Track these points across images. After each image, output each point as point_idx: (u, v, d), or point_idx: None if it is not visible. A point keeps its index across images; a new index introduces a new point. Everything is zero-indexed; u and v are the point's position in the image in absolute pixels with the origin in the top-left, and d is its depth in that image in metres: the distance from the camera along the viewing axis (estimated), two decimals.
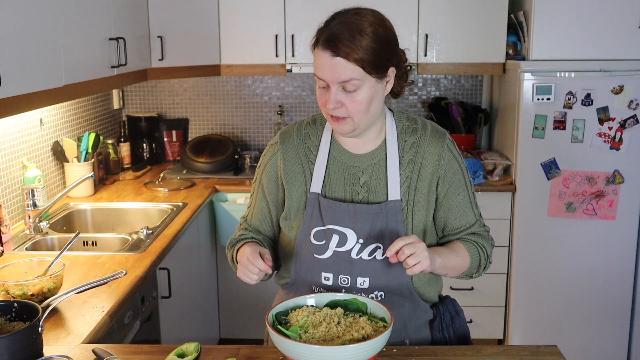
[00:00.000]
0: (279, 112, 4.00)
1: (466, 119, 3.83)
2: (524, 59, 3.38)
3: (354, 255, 1.57)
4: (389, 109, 1.64)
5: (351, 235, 1.56)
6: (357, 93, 1.46)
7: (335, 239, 1.57)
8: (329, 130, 1.63)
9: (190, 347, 1.50)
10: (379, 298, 1.58)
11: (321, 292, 1.58)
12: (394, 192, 1.56)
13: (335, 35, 1.43)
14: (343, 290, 1.57)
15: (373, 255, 1.57)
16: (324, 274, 1.59)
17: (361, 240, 1.56)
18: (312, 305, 1.47)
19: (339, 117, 1.49)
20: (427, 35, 3.50)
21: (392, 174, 1.57)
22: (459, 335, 1.68)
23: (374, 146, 1.60)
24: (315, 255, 1.59)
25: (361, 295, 1.50)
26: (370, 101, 1.49)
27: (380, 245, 1.56)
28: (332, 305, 1.47)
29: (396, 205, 1.56)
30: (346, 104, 1.47)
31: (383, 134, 1.61)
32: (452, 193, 1.62)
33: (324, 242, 1.58)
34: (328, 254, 1.58)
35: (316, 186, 1.59)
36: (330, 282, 1.58)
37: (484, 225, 1.69)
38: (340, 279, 1.57)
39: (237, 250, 1.63)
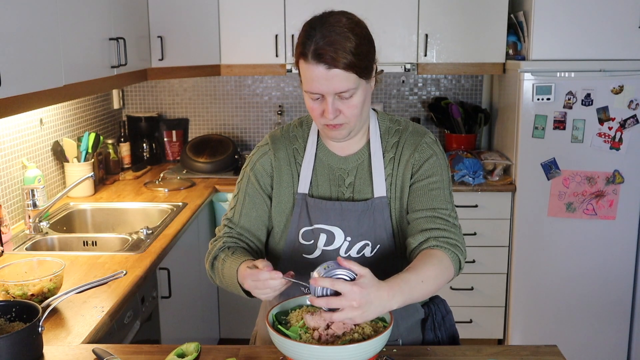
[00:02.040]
0: (279, 112, 4.01)
1: (466, 119, 3.83)
2: (524, 59, 3.38)
3: (342, 253, 1.58)
4: (374, 110, 1.64)
5: (339, 233, 1.57)
6: (352, 98, 1.46)
7: (322, 237, 1.58)
8: (315, 132, 1.63)
9: (190, 347, 1.50)
10: None
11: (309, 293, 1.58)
12: (380, 189, 1.57)
13: (325, 47, 1.40)
14: None
15: (362, 253, 1.58)
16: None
17: (349, 238, 1.57)
18: (312, 305, 1.47)
19: (336, 124, 1.49)
20: (427, 35, 3.50)
21: (377, 172, 1.58)
22: (449, 335, 1.68)
23: (359, 147, 1.61)
24: (303, 255, 1.59)
25: None
26: (363, 103, 1.49)
27: (369, 243, 1.57)
28: None
29: (382, 201, 1.57)
30: (343, 111, 1.47)
31: (367, 135, 1.61)
32: (422, 176, 1.56)
33: (312, 241, 1.58)
34: (317, 253, 1.59)
35: (304, 187, 1.60)
36: None
37: (451, 219, 1.54)
38: None
39: (232, 269, 1.54)
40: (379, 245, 1.57)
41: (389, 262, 1.57)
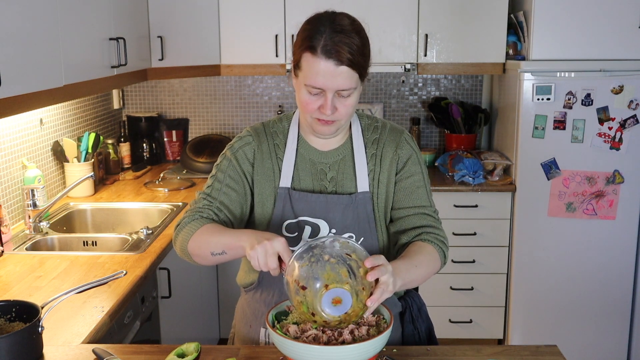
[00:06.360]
0: (279, 112, 4.01)
1: (466, 119, 3.83)
2: (524, 59, 3.38)
3: None
4: None
5: (324, 225, 1.59)
6: (350, 98, 1.50)
7: (307, 230, 1.59)
8: (296, 128, 1.65)
9: (190, 347, 1.50)
10: None
11: None
12: (363, 185, 1.61)
13: (337, 44, 1.43)
14: None
15: None
16: None
17: (334, 230, 1.60)
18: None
19: (328, 120, 1.51)
20: (427, 35, 3.50)
21: (360, 168, 1.62)
22: (427, 327, 1.72)
23: (340, 143, 1.65)
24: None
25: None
26: (356, 103, 1.53)
27: (353, 235, 1.60)
28: None
29: (365, 196, 1.61)
30: (339, 109, 1.50)
31: (348, 132, 1.65)
32: (406, 173, 1.64)
33: (296, 234, 1.60)
34: (301, 245, 1.59)
35: (285, 181, 1.61)
36: None
37: (437, 216, 1.65)
38: None
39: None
40: (362, 238, 1.61)
41: (372, 253, 1.58)
